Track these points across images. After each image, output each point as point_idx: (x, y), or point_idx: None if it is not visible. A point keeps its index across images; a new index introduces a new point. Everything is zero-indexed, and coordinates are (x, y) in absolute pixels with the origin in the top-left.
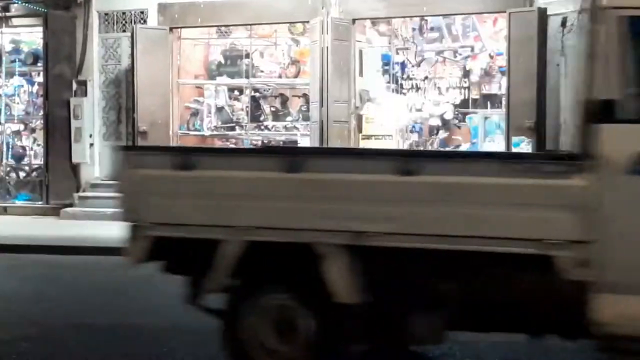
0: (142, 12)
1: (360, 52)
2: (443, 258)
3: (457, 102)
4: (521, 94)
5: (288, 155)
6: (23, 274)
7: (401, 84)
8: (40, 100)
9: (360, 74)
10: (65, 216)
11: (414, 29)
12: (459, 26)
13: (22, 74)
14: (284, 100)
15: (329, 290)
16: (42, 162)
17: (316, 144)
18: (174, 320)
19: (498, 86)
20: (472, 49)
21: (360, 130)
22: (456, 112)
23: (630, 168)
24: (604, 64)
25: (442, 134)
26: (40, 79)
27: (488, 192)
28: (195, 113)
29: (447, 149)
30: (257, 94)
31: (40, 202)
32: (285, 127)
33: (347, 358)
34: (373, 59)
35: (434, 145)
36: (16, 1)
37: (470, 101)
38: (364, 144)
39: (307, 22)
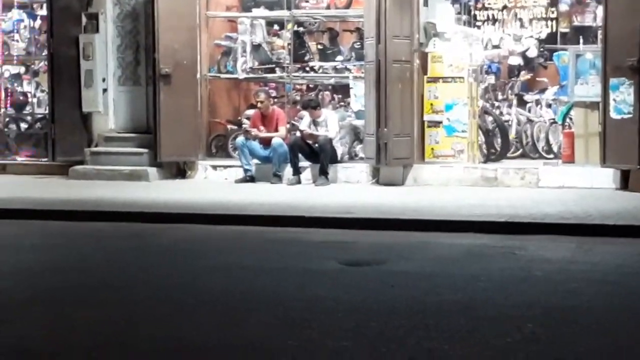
0: None
1: None
2: None
3: (543, 36)
4: (621, 26)
5: None
6: (30, 243)
7: (474, 15)
8: (43, 38)
9: (425, 3)
10: (75, 175)
11: None
12: None
13: (21, 6)
14: (333, 36)
15: None
16: (46, 112)
17: (372, 89)
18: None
19: (592, 17)
20: None
21: (425, 72)
22: (541, 49)
23: None
24: None
25: (524, 76)
26: (43, 11)
27: None
28: (228, 52)
29: (530, 93)
30: (301, 29)
31: (45, 159)
32: (335, 69)
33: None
34: None
35: (514, 89)
36: None
37: (558, 35)
38: (430, 89)
39: None
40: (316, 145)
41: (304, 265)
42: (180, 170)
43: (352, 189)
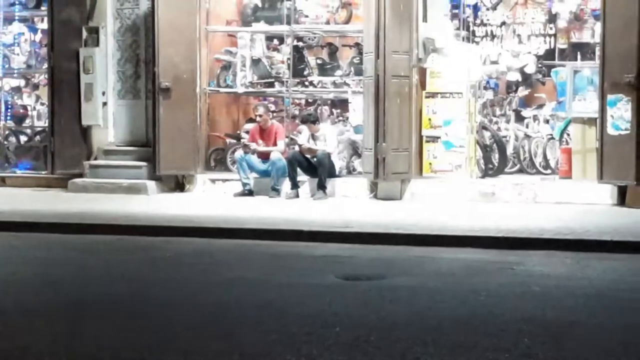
0: None
1: None
2: None
3: (541, 52)
4: (619, 43)
5: None
6: (26, 256)
7: (473, 31)
8: (44, 51)
9: (424, 19)
10: (74, 188)
11: None
12: None
13: (22, 20)
14: (333, 51)
15: None
16: (46, 125)
17: (371, 104)
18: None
19: (590, 33)
20: None
21: (423, 87)
22: (539, 65)
23: None
24: None
25: (522, 92)
26: (44, 25)
27: None
28: (227, 66)
29: (528, 109)
30: (301, 44)
31: (44, 172)
32: (334, 83)
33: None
34: (439, 1)
35: (512, 104)
36: None
37: (556, 52)
38: (428, 104)
39: None
40: (315, 159)
41: (303, 279)
42: (178, 184)
43: (350, 203)
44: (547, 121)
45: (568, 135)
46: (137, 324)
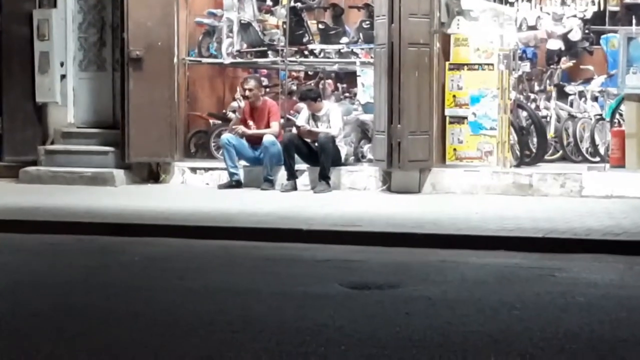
0: None
1: None
2: None
3: (588, 16)
4: None
5: None
6: None
7: None
8: None
9: None
10: (26, 178)
11: None
12: None
13: None
14: (337, 14)
15: None
16: None
17: (383, 77)
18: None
19: None
20: None
21: (447, 58)
22: (586, 31)
23: None
24: None
25: (566, 63)
26: None
27: None
28: (210, 32)
29: (573, 84)
30: (299, 5)
31: None
32: (339, 53)
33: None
34: None
35: (553, 78)
36: None
37: (607, 15)
38: (452, 78)
39: None
40: (316, 144)
41: (302, 288)
42: (152, 174)
43: (358, 197)
44: (595, 99)
45: (620, 115)
46: (98, 341)
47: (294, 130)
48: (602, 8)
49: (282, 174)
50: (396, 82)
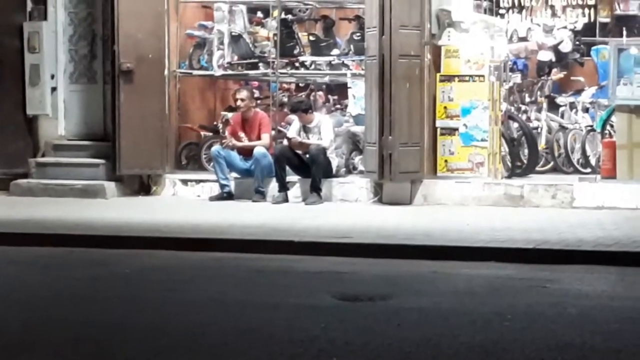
0: None
1: None
2: None
3: (579, 27)
4: None
5: None
6: None
7: (497, 1)
8: None
9: None
10: (17, 191)
11: None
12: None
13: None
14: (328, 26)
15: None
16: None
17: (374, 89)
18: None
19: (639, 4)
20: None
21: (437, 69)
22: (577, 43)
23: None
24: None
25: (556, 74)
26: None
27: None
28: (201, 44)
29: (563, 95)
30: (290, 17)
31: None
32: (330, 64)
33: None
34: None
35: (544, 90)
36: None
37: (597, 26)
38: (443, 89)
39: None
40: (307, 155)
41: (294, 300)
42: (143, 186)
43: (349, 209)
44: (586, 110)
45: (611, 126)
46: (88, 354)
47: (285, 142)
48: (592, 19)
49: (273, 186)
50: (387, 94)
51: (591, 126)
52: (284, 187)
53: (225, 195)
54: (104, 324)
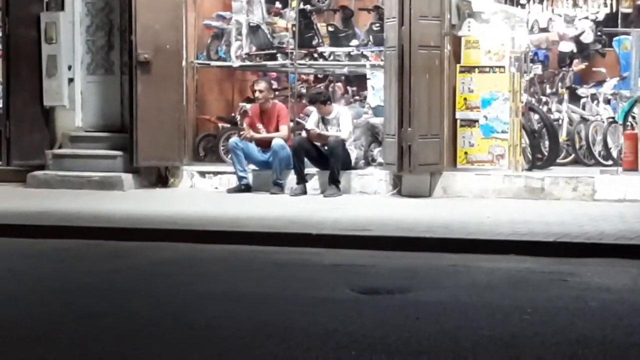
0: None
1: None
2: None
3: (600, 17)
4: None
5: None
6: None
7: None
8: None
9: None
10: (34, 183)
11: None
12: None
13: None
14: (347, 16)
15: None
16: (0, 106)
17: (393, 80)
18: None
19: None
20: None
21: (457, 60)
22: (599, 33)
23: None
24: None
25: (578, 65)
26: None
27: None
28: (219, 35)
29: (585, 86)
30: (308, 7)
31: None
32: (349, 55)
33: None
34: None
35: (565, 81)
36: None
37: (619, 16)
38: (463, 81)
39: None
40: (325, 147)
41: (312, 293)
42: (161, 178)
43: (368, 201)
44: (608, 101)
45: (633, 118)
46: (105, 347)
47: (304, 133)
48: (614, 10)
49: (291, 178)
50: (406, 85)
51: (613, 118)
52: (302, 179)
53: (243, 188)
54: (121, 316)
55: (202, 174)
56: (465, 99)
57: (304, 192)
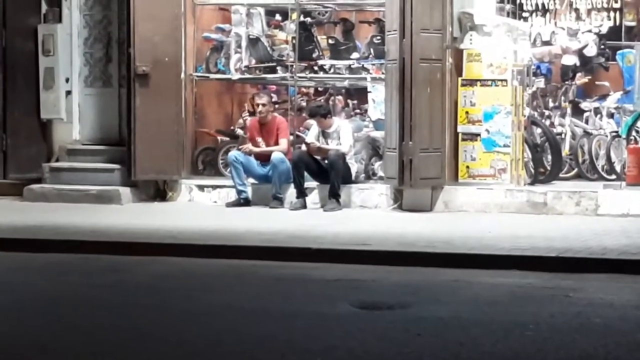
0: None
1: None
2: None
3: (604, 31)
4: None
5: None
6: None
7: (521, 4)
8: None
9: None
10: (31, 196)
11: None
12: None
13: None
14: (348, 29)
15: None
16: None
17: (394, 93)
18: None
19: None
20: None
21: (459, 73)
22: (602, 47)
23: None
24: None
25: (581, 79)
26: None
27: None
28: (219, 47)
29: (588, 100)
30: (309, 20)
31: None
32: (350, 68)
33: None
34: None
35: (568, 94)
36: None
37: (623, 30)
38: (465, 94)
39: None
40: (325, 161)
41: (312, 308)
42: (159, 191)
43: (369, 216)
44: (611, 115)
45: (637, 132)
46: None
47: (304, 147)
48: (617, 23)
49: (291, 192)
50: (408, 98)
51: (616, 132)
52: (302, 193)
53: (242, 202)
54: (120, 331)
55: (201, 187)
56: (467, 112)
57: (304, 206)
